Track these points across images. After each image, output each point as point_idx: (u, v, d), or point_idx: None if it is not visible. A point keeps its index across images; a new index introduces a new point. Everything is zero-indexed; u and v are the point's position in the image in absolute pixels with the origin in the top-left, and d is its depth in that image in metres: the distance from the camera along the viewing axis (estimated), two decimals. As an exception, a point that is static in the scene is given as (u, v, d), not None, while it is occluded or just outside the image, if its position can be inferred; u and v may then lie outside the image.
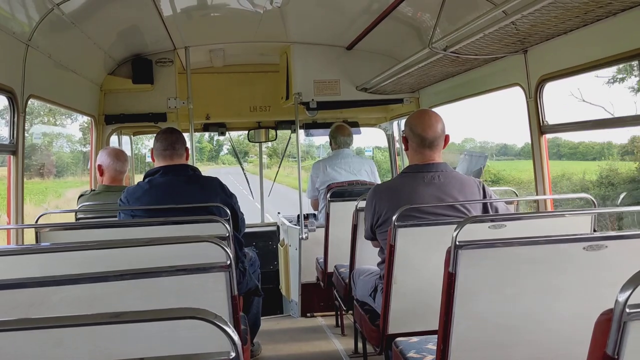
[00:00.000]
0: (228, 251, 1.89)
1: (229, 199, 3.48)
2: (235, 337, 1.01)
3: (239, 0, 4.20)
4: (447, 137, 3.08)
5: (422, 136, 3.01)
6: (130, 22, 4.51)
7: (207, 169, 30.60)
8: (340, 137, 5.70)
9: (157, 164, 3.48)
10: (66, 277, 1.69)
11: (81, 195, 4.17)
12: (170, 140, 3.48)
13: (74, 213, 3.85)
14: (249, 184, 7.67)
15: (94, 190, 4.25)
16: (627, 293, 1.12)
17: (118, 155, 4.23)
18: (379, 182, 5.64)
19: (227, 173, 15.61)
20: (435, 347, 2.33)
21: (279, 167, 8.61)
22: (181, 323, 1.19)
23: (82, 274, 1.71)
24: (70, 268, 1.80)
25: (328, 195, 4.79)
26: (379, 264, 3.30)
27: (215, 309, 1.10)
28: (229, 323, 1.03)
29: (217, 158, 58.04)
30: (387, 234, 2.83)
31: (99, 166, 4.17)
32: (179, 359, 1.06)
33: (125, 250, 2.16)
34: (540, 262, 2.05)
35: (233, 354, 1.02)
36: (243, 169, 8.04)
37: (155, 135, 3.62)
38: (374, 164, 5.84)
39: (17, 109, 3.29)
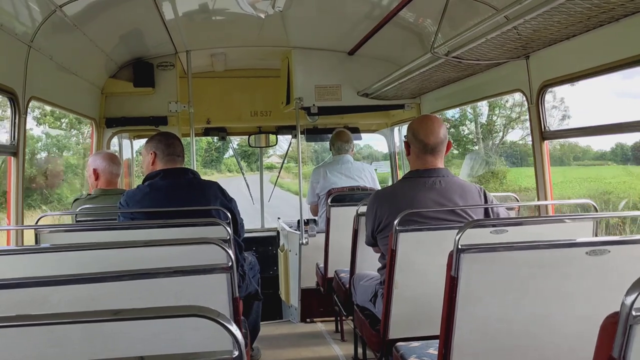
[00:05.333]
0: (230, 253, 1.88)
1: (229, 203, 3.49)
2: (239, 335, 1.00)
3: (241, 5, 4.19)
4: (449, 143, 3.07)
5: (424, 142, 3.01)
6: (133, 25, 4.51)
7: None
8: (339, 143, 5.70)
9: (157, 167, 3.48)
10: (65, 277, 1.68)
11: (76, 199, 4.14)
12: (175, 145, 3.51)
13: (71, 217, 3.84)
14: (249, 189, 7.66)
15: (90, 194, 4.24)
16: (633, 296, 1.12)
17: (112, 158, 4.23)
18: (379, 187, 5.64)
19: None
20: (436, 352, 2.31)
21: (280, 172, 8.55)
22: (183, 323, 1.18)
23: (81, 274, 1.69)
24: (70, 269, 1.79)
25: (329, 200, 4.78)
26: (379, 270, 3.29)
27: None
28: (231, 321, 1.02)
29: (220, 162, 41.21)
30: (388, 239, 2.82)
31: (94, 170, 4.17)
32: (180, 357, 1.04)
33: (125, 252, 2.15)
34: (542, 266, 2.04)
35: (236, 353, 1.01)
36: (244, 176, 8.05)
37: (151, 137, 3.61)
38: (373, 170, 5.85)
39: (18, 110, 3.28)
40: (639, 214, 5.22)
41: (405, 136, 3.18)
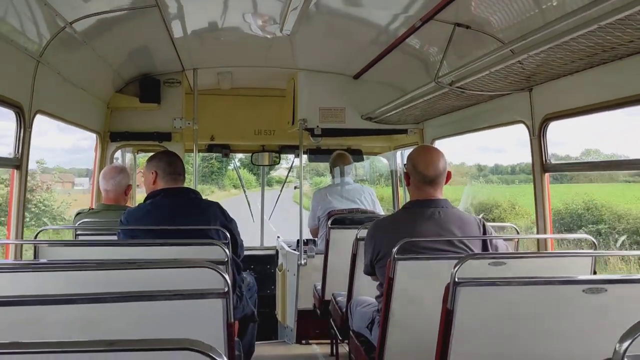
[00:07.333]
0: (226, 277, 1.88)
1: (229, 223, 3.49)
2: None
3: (250, 26, 4.24)
4: (449, 174, 3.08)
5: (423, 174, 3.02)
6: (141, 42, 4.55)
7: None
8: (340, 165, 5.71)
9: (159, 186, 3.49)
10: (63, 296, 1.69)
11: (78, 213, 4.15)
12: (175, 164, 3.53)
13: (72, 230, 3.84)
14: (249, 207, 7.67)
15: (92, 208, 4.25)
16: (626, 343, 1.11)
17: (104, 174, 4.26)
18: (380, 210, 5.64)
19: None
20: (430, 384, 2.29)
21: (281, 191, 8.49)
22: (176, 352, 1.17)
23: (78, 294, 1.70)
24: (67, 286, 1.80)
25: (329, 222, 4.77)
26: (377, 297, 3.28)
27: (211, 336, 1.09)
28: (223, 355, 1.02)
29: (223, 175, 36.25)
30: (386, 268, 2.81)
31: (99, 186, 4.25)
32: None
33: (123, 271, 2.15)
34: (539, 302, 2.04)
35: None
36: (245, 192, 8.06)
37: (152, 156, 3.64)
38: (374, 192, 5.84)
39: (24, 124, 3.31)
40: (638, 253, 5.21)
41: (405, 166, 3.19)
